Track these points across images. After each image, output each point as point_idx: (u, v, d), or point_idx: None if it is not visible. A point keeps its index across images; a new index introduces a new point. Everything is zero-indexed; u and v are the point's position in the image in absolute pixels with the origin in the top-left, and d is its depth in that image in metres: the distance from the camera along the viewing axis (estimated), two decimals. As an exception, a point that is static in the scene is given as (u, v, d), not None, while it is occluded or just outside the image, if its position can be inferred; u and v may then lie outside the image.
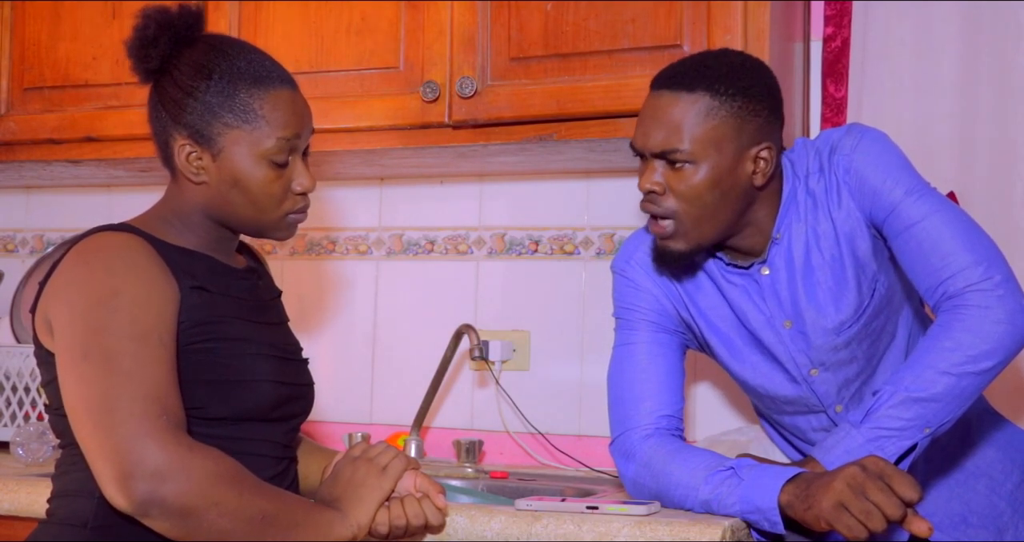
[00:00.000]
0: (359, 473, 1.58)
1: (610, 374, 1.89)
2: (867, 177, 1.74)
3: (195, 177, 1.58)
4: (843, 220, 1.76)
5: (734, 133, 1.70)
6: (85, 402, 1.42)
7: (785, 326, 1.80)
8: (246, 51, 1.60)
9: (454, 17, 2.21)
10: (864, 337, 1.80)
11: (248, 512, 1.43)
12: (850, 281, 1.77)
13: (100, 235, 1.54)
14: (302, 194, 1.62)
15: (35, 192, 2.98)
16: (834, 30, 2.33)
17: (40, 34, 2.53)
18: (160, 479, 1.37)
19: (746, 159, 1.72)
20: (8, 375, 2.49)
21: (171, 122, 1.58)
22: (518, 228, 2.57)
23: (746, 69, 1.74)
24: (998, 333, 1.64)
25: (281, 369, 1.62)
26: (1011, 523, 1.84)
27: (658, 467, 1.74)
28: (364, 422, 2.64)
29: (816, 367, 1.81)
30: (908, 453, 1.66)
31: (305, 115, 1.62)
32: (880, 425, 1.65)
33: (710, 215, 1.72)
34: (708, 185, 1.71)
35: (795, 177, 1.80)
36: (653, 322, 1.87)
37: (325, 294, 2.71)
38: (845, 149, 1.76)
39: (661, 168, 1.73)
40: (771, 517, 1.59)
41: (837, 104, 2.32)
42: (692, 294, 1.86)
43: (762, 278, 1.80)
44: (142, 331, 1.45)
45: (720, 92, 1.69)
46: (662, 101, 1.72)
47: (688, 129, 1.69)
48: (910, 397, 1.64)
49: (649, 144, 1.72)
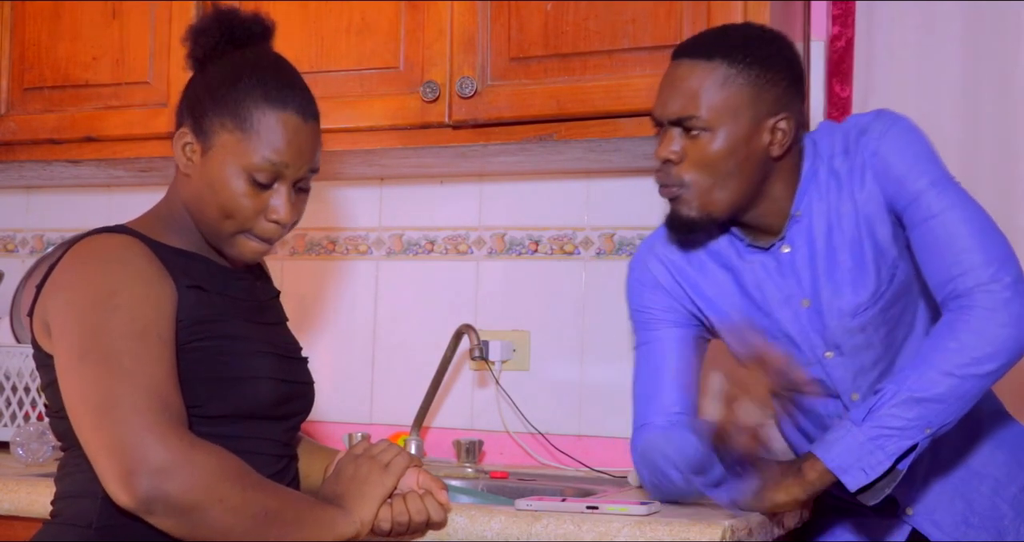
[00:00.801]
0: (362, 470, 1.58)
1: (633, 376, 1.91)
2: (893, 163, 1.74)
3: (184, 168, 1.59)
4: (865, 202, 1.76)
5: (751, 101, 1.71)
6: (86, 401, 1.42)
7: (803, 304, 1.80)
8: (281, 71, 1.59)
9: (454, 17, 2.20)
10: (881, 323, 1.79)
11: (252, 508, 1.43)
12: (869, 264, 1.76)
13: (96, 237, 1.55)
14: (275, 222, 1.57)
15: (35, 192, 2.98)
16: (840, 30, 2.33)
17: (40, 34, 2.53)
18: (164, 475, 1.37)
19: (763, 129, 1.72)
20: (8, 375, 2.49)
21: (186, 111, 1.60)
22: (518, 228, 2.57)
23: (766, 40, 1.75)
24: (1003, 336, 1.64)
25: (281, 367, 1.62)
26: (1012, 526, 1.84)
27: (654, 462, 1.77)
28: (364, 422, 2.64)
29: (831, 349, 1.80)
30: (908, 452, 1.66)
31: (305, 149, 1.57)
32: (881, 424, 1.65)
33: (723, 184, 1.73)
34: (724, 153, 1.71)
35: (816, 156, 1.79)
36: (663, 319, 1.88)
37: (325, 294, 2.71)
38: (874, 133, 1.75)
39: (678, 136, 1.73)
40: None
41: (842, 103, 2.32)
42: (699, 287, 1.86)
43: (782, 256, 1.80)
44: (141, 329, 1.45)
45: (738, 60, 1.70)
46: (681, 70, 1.74)
47: (705, 96, 1.70)
48: (912, 397, 1.64)
49: (667, 111, 1.73)
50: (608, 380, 2.43)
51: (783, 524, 1.83)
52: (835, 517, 1.96)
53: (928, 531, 1.84)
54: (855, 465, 1.65)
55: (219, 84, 1.57)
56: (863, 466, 1.65)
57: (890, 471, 1.66)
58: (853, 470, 1.65)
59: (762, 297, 1.82)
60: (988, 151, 2.21)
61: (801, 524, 1.93)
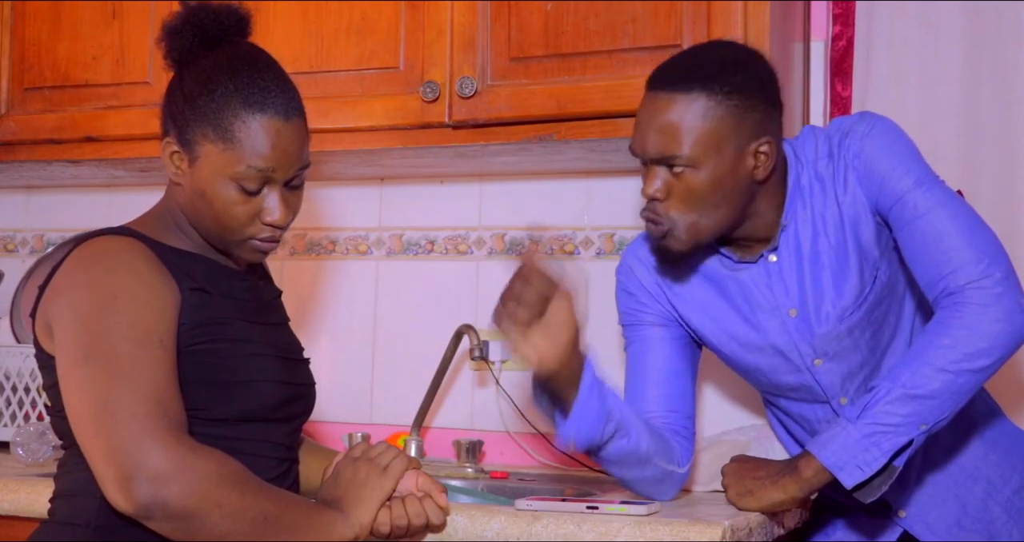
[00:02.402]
0: (360, 473, 1.58)
1: (626, 369, 1.91)
2: (876, 164, 1.73)
3: (174, 177, 1.58)
4: (849, 204, 1.75)
5: (732, 132, 1.69)
6: (86, 405, 1.42)
7: (791, 314, 1.80)
8: (258, 70, 1.56)
9: (454, 17, 2.20)
10: (867, 325, 1.79)
11: (251, 513, 1.43)
12: (852, 267, 1.76)
13: (99, 239, 1.54)
14: (272, 225, 1.57)
15: (35, 192, 2.98)
16: (841, 29, 2.33)
17: (40, 34, 2.53)
18: (162, 481, 1.37)
19: (746, 155, 1.71)
20: (8, 375, 2.49)
21: (169, 120, 1.58)
22: (518, 228, 2.57)
23: (740, 62, 1.73)
24: (995, 331, 1.64)
25: (282, 369, 1.62)
26: (1004, 529, 1.84)
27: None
28: (364, 422, 2.64)
29: (820, 357, 1.81)
30: (904, 449, 1.66)
31: (291, 150, 1.55)
32: (877, 421, 1.64)
33: (710, 215, 1.72)
34: (710, 188, 1.70)
35: (798, 163, 1.79)
36: (651, 323, 1.88)
37: (325, 294, 2.71)
38: (856, 134, 1.75)
39: (662, 173, 1.72)
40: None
41: (844, 103, 2.32)
42: (683, 297, 1.86)
43: (770, 266, 1.80)
44: (142, 333, 1.45)
45: (715, 91, 1.68)
46: (658, 104, 1.71)
47: (686, 133, 1.68)
48: (907, 394, 1.64)
49: (648, 150, 1.72)
50: (608, 380, 2.42)
51: (783, 524, 1.83)
52: (831, 516, 1.96)
53: (920, 533, 1.84)
54: (851, 462, 1.65)
55: (197, 94, 1.54)
56: (859, 463, 1.65)
57: (886, 468, 1.66)
58: (849, 467, 1.65)
59: (748, 308, 1.82)
60: (988, 151, 2.21)
61: (801, 524, 1.93)
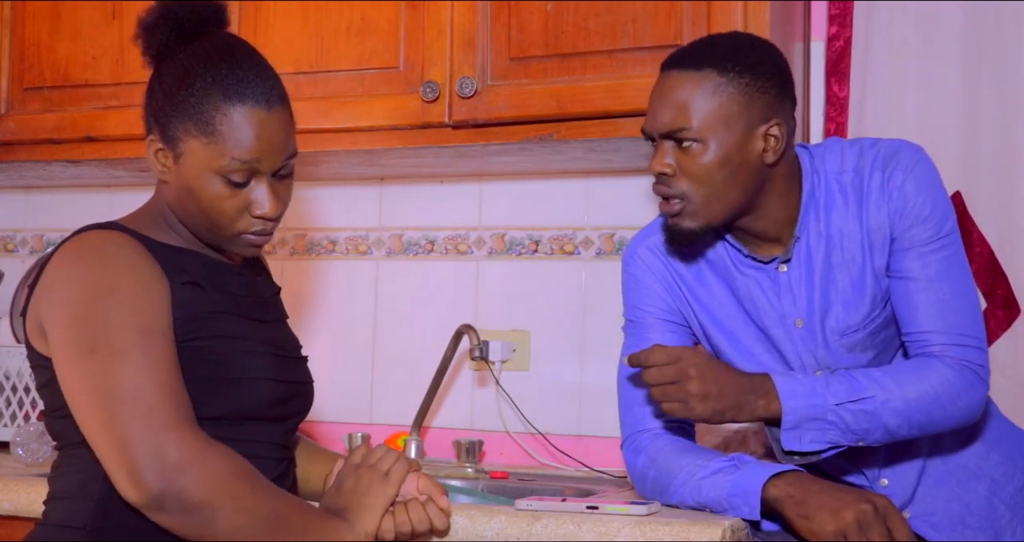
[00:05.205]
0: (363, 481, 1.56)
1: (620, 375, 1.89)
2: (914, 205, 1.73)
3: (160, 175, 1.57)
4: (875, 229, 1.76)
5: (742, 110, 1.70)
6: (96, 396, 1.40)
7: (797, 324, 1.80)
8: (236, 61, 1.54)
9: (454, 17, 2.20)
10: (869, 346, 1.80)
11: (263, 509, 1.43)
12: (868, 288, 1.77)
13: (88, 233, 1.53)
14: (261, 217, 1.55)
15: (35, 192, 2.98)
16: (838, 29, 2.33)
17: (40, 34, 2.53)
18: (180, 471, 1.36)
19: (756, 136, 1.71)
20: (8, 375, 2.49)
21: (151, 117, 1.57)
22: (518, 228, 2.57)
23: (755, 48, 1.75)
24: (960, 415, 1.73)
25: (279, 367, 1.60)
26: (1009, 527, 1.84)
27: (664, 461, 1.76)
28: (364, 422, 2.64)
29: (821, 369, 1.81)
30: (833, 448, 1.71)
31: (276, 140, 1.53)
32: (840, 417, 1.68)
33: (721, 194, 1.72)
34: (718, 164, 1.70)
35: (815, 173, 1.79)
36: (659, 319, 1.87)
37: (325, 294, 2.71)
38: (902, 164, 1.74)
39: (671, 149, 1.72)
40: (751, 501, 1.63)
41: (840, 103, 2.32)
42: (695, 290, 1.86)
43: (779, 275, 1.80)
44: (146, 325, 1.44)
45: (727, 69, 1.69)
46: (670, 81, 1.72)
47: (695, 107, 1.69)
48: (875, 412, 1.69)
49: (657, 125, 1.73)
50: (608, 380, 2.41)
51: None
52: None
53: (925, 532, 1.84)
54: (804, 432, 1.69)
55: (175, 89, 1.52)
56: (800, 435, 1.69)
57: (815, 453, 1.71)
58: (799, 431, 1.69)
59: (756, 312, 1.82)
60: (988, 151, 2.21)
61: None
